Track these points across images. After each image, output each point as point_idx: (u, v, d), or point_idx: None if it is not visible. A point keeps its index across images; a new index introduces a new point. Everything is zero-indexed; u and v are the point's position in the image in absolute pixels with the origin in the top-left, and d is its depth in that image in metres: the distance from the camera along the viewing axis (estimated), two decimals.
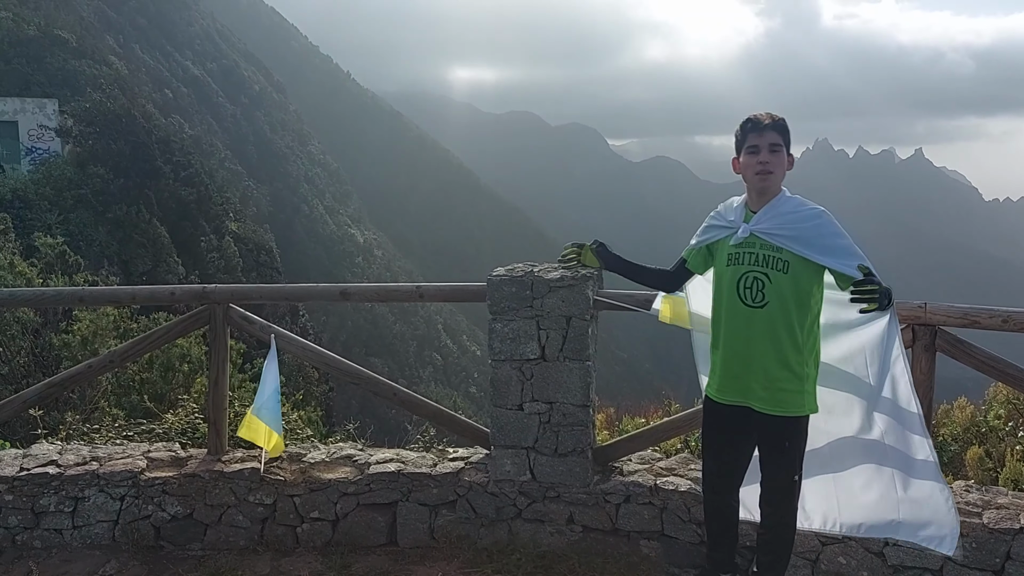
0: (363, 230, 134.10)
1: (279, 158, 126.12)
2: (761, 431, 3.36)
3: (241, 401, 6.31)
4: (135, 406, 8.20)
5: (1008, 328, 3.69)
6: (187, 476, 4.64)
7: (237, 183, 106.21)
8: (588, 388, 4.31)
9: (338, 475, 4.65)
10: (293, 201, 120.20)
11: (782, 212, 3.26)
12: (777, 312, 3.23)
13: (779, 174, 3.27)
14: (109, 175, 37.11)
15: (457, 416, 4.83)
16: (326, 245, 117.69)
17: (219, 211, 52.83)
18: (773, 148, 3.24)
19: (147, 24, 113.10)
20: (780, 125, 3.26)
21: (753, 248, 3.31)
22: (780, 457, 3.34)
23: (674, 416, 4.60)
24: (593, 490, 4.36)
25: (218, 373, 4.78)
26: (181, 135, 68.32)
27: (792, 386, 3.25)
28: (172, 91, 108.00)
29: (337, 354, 4.92)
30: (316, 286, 4.72)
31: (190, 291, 4.77)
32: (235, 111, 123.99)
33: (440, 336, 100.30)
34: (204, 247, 46.59)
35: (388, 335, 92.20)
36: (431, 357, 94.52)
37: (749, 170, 3.30)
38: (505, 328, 4.33)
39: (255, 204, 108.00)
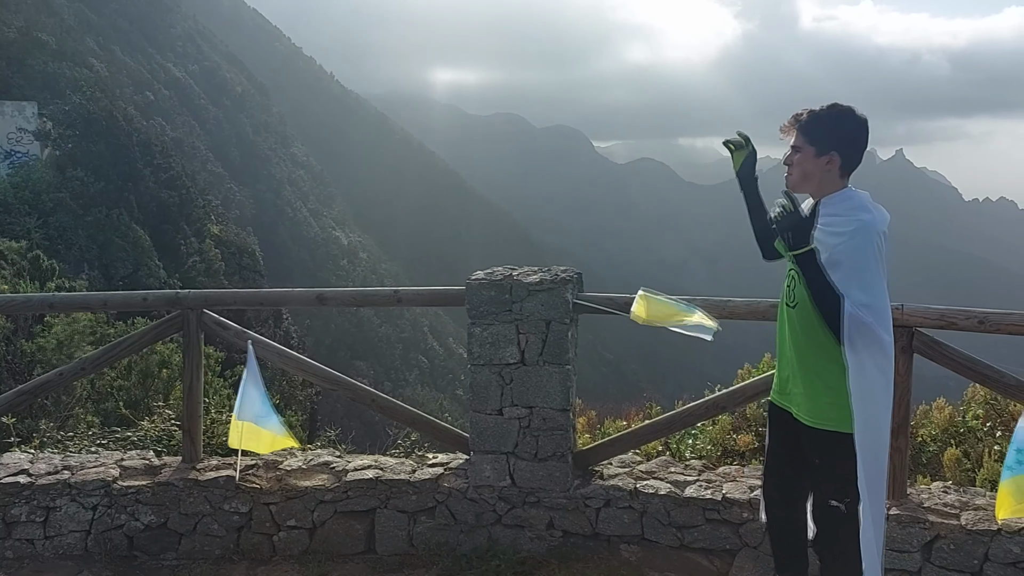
0: (348, 233, 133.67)
1: (262, 160, 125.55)
2: (801, 442, 3.19)
3: (218, 408, 6.23)
4: (111, 413, 8.11)
5: (984, 329, 3.68)
6: (161, 485, 4.57)
7: (219, 186, 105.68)
8: (568, 392, 4.27)
9: (315, 482, 4.59)
10: (276, 204, 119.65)
11: (824, 214, 3.04)
12: (807, 313, 3.05)
13: (797, 175, 3.12)
14: (89, 178, 36.82)
15: (436, 421, 4.79)
16: (310, 248, 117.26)
17: (201, 214, 52.54)
18: (794, 149, 3.13)
19: (128, 26, 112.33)
20: (806, 124, 3.09)
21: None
22: (815, 475, 3.17)
23: (655, 419, 4.57)
24: (573, 494, 4.32)
25: (192, 380, 4.71)
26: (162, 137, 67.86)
27: (822, 396, 3.06)
28: (153, 93, 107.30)
29: (322, 358, 4.88)
30: (293, 291, 4.67)
31: (163, 296, 4.70)
32: (217, 113, 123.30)
33: (426, 339, 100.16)
34: (185, 250, 46.31)
35: (373, 338, 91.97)
36: (417, 360, 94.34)
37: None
38: (484, 332, 4.29)
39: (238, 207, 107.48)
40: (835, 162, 3.08)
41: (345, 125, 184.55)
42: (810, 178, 3.12)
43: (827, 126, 3.08)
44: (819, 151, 3.07)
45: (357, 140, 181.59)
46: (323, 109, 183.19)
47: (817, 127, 3.09)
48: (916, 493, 4.03)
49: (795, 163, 3.13)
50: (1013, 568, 3.64)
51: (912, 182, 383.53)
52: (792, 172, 3.13)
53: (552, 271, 4.39)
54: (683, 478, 4.37)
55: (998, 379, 3.71)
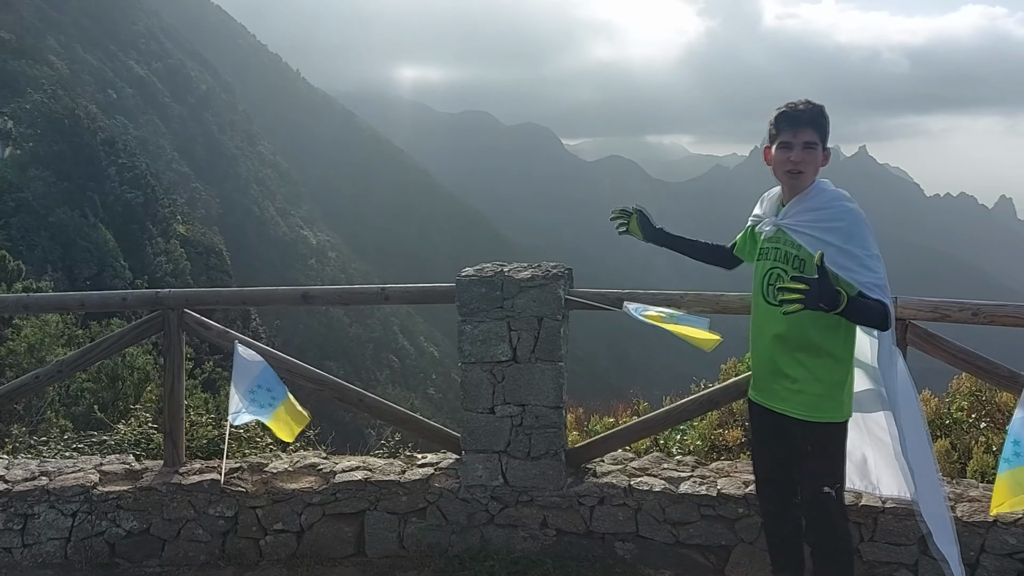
0: (316, 232, 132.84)
1: (228, 159, 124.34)
2: (789, 435, 3.20)
3: (196, 410, 6.09)
4: (82, 417, 7.93)
5: (978, 321, 3.68)
6: (143, 490, 4.45)
7: (185, 185, 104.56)
8: (561, 389, 4.22)
9: (302, 485, 4.49)
10: (243, 203, 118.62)
11: (808, 208, 3.07)
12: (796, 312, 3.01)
13: (810, 172, 3.08)
14: (52, 178, 36.14)
15: (425, 421, 4.71)
16: (278, 247, 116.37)
17: (167, 214, 51.93)
18: (808, 146, 3.04)
19: (90, 23, 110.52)
20: (817, 119, 3.06)
21: (778, 244, 3.17)
22: (804, 465, 3.18)
23: (648, 415, 4.53)
24: (567, 493, 4.27)
25: (174, 381, 4.59)
26: (126, 136, 66.86)
27: (811, 388, 3.08)
28: (116, 91, 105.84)
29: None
30: (276, 289, 4.56)
31: (143, 296, 4.57)
32: (182, 111, 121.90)
33: (397, 338, 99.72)
34: (151, 251, 45.71)
35: (344, 338, 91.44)
36: (388, 359, 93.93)
37: (779, 167, 3.11)
38: (475, 330, 4.22)
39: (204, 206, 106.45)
40: (827, 157, 3.15)
41: (312, 123, 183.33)
42: (814, 173, 3.14)
43: (828, 122, 3.11)
44: (823, 147, 3.11)
45: (324, 138, 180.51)
46: (289, 107, 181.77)
47: (824, 123, 3.10)
48: None
49: (809, 160, 3.08)
50: (1009, 559, 3.65)
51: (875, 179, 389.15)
52: (806, 169, 3.08)
53: (543, 267, 4.33)
54: (677, 474, 4.33)
55: (992, 370, 3.72)
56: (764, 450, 3.41)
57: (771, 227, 3.22)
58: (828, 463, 3.16)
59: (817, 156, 3.08)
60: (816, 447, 3.14)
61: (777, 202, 3.26)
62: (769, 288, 3.19)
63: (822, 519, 3.18)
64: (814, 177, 3.12)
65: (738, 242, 3.60)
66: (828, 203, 3.08)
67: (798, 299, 2.72)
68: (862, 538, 3.82)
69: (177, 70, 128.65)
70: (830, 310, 2.78)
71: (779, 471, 3.36)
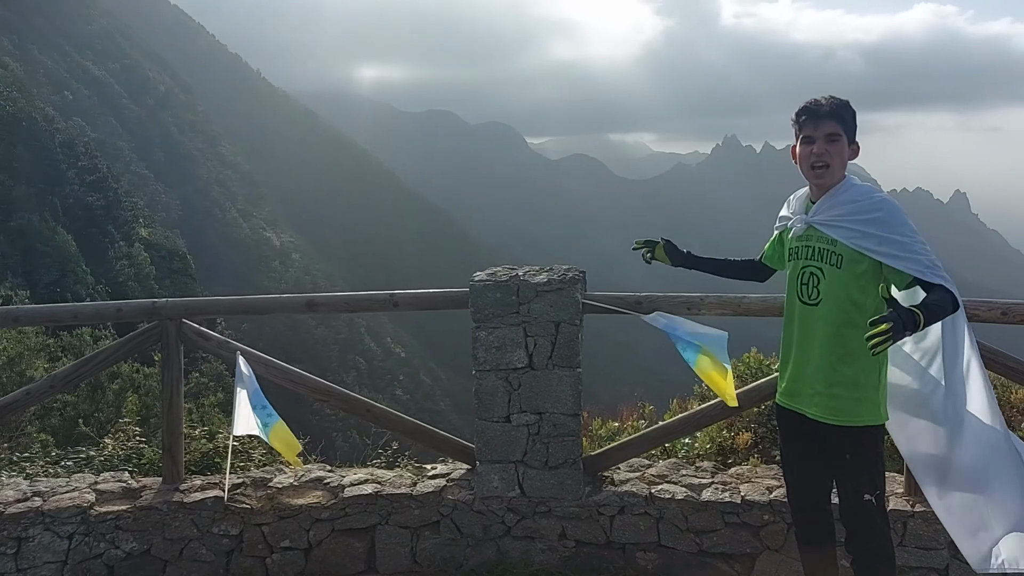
0: (279, 233, 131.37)
1: (188, 161, 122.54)
2: (821, 441, 3.11)
3: (189, 423, 5.87)
4: (62, 430, 7.64)
5: (1007, 320, 3.65)
6: (142, 509, 4.25)
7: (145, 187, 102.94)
8: (579, 396, 4.11)
9: (309, 500, 4.33)
10: (205, 205, 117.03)
11: (841, 202, 3.00)
12: (833, 311, 2.99)
13: (837, 166, 3.00)
14: (9, 181, 35.23)
15: (437, 431, 4.56)
16: (241, 250, 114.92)
17: (128, 217, 50.96)
18: (831, 138, 2.97)
19: (44, 24, 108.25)
20: (840, 111, 3.00)
21: (810, 241, 3.08)
22: (843, 472, 3.09)
23: (667, 422, 4.44)
24: (585, 503, 4.16)
25: (172, 395, 4.40)
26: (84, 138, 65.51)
27: (847, 392, 3.00)
28: (72, 93, 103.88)
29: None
30: (279, 297, 4.39)
31: (139, 307, 4.37)
32: (140, 113, 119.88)
33: (363, 339, 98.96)
34: (113, 255, 44.81)
35: (309, 340, 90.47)
36: (355, 361, 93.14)
37: (804, 163, 3.04)
38: (490, 336, 4.09)
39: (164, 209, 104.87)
40: (856, 151, 3.09)
41: (274, 123, 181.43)
42: (842, 167, 3.06)
43: (853, 115, 3.05)
44: (850, 140, 3.04)
45: (286, 139, 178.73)
46: (250, 107, 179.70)
47: (848, 116, 3.04)
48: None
49: (834, 152, 3.00)
50: None
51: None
52: (832, 162, 3.00)
53: (558, 270, 4.22)
54: (697, 481, 4.25)
55: (1022, 370, 3.67)
56: (796, 457, 3.30)
57: (802, 225, 3.13)
58: (868, 469, 3.06)
59: (843, 148, 3.02)
60: (855, 454, 3.05)
61: (806, 200, 3.19)
62: (803, 288, 3.10)
63: (865, 529, 3.08)
64: (842, 172, 3.06)
65: (767, 251, 3.51)
66: (861, 196, 3.01)
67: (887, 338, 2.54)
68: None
69: (134, 71, 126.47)
70: (915, 331, 2.66)
71: (812, 478, 3.27)
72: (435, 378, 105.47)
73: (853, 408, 3.02)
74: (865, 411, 3.02)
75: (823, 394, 3.05)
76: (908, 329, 2.60)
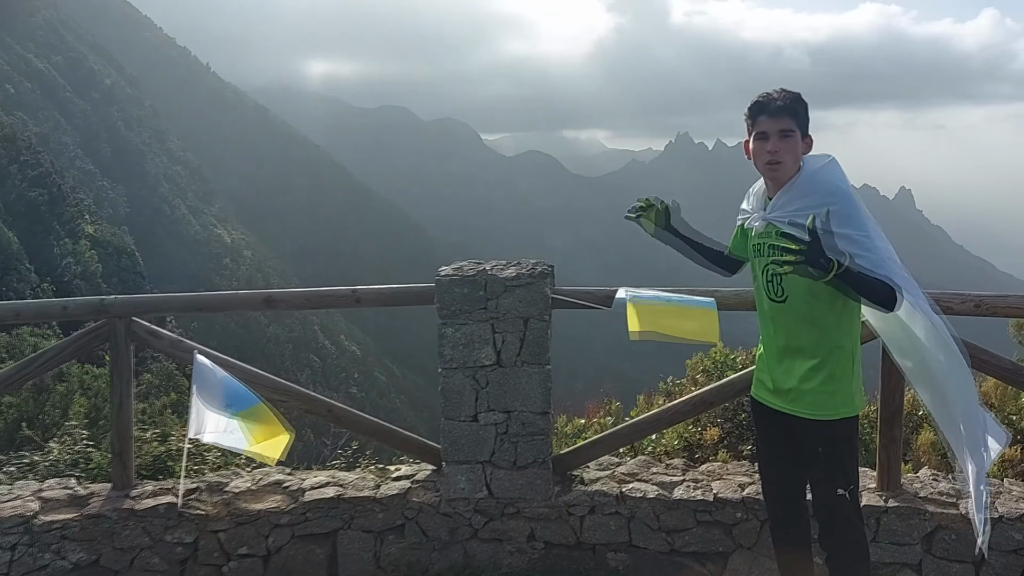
0: (230, 230, 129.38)
1: (135, 156, 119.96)
2: (798, 436, 3.06)
3: (140, 425, 5.64)
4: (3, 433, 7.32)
5: (980, 312, 3.63)
6: (90, 517, 4.03)
7: (91, 183, 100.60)
8: (548, 394, 4.00)
9: (268, 505, 4.15)
10: (153, 201, 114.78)
11: (795, 197, 2.93)
12: (799, 306, 2.94)
13: (790, 161, 2.93)
14: None
15: (401, 431, 4.41)
16: (191, 247, 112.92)
17: (73, 213, 49.64)
18: (784, 134, 2.91)
19: None
20: (793, 105, 2.93)
21: (771, 238, 2.99)
22: (817, 467, 3.04)
23: (637, 419, 4.35)
24: (555, 503, 4.05)
25: (122, 396, 4.18)
26: (27, 133, 63.64)
27: (820, 386, 2.95)
28: (14, 86, 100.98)
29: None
30: (236, 294, 4.20)
31: (86, 304, 4.14)
32: (85, 107, 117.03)
33: (317, 337, 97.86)
34: (58, 252, 43.60)
35: (261, 338, 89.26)
36: (308, 359, 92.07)
37: (759, 159, 2.97)
38: (457, 333, 3.96)
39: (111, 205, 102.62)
40: (809, 144, 3.01)
41: (224, 118, 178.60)
42: (795, 162, 2.98)
43: (805, 109, 2.99)
44: (803, 134, 2.97)
45: (237, 134, 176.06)
46: (199, 102, 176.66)
47: (801, 109, 2.97)
48: (908, 483, 3.95)
49: (787, 148, 2.93)
50: (1015, 555, 3.60)
51: None
52: (785, 158, 2.93)
53: (526, 264, 4.10)
54: (668, 479, 4.16)
55: (995, 363, 3.67)
56: (771, 452, 3.24)
57: (760, 222, 3.06)
58: (840, 463, 3.01)
59: (796, 143, 2.94)
60: (828, 447, 3.00)
61: (763, 196, 3.11)
62: (769, 285, 3.04)
63: (838, 524, 3.02)
64: (796, 166, 2.97)
65: (732, 243, 3.42)
66: (815, 188, 2.93)
67: (793, 260, 2.63)
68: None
69: (79, 64, 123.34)
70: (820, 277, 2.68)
71: (786, 473, 3.21)
72: (390, 375, 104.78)
73: (827, 401, 2.96)
74: (840, 403, 2.97)
75: (796, 389, 3.00)
76: (816, 267, 2.64)
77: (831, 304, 2.91)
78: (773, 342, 3.08)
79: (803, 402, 2.99)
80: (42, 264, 39.58)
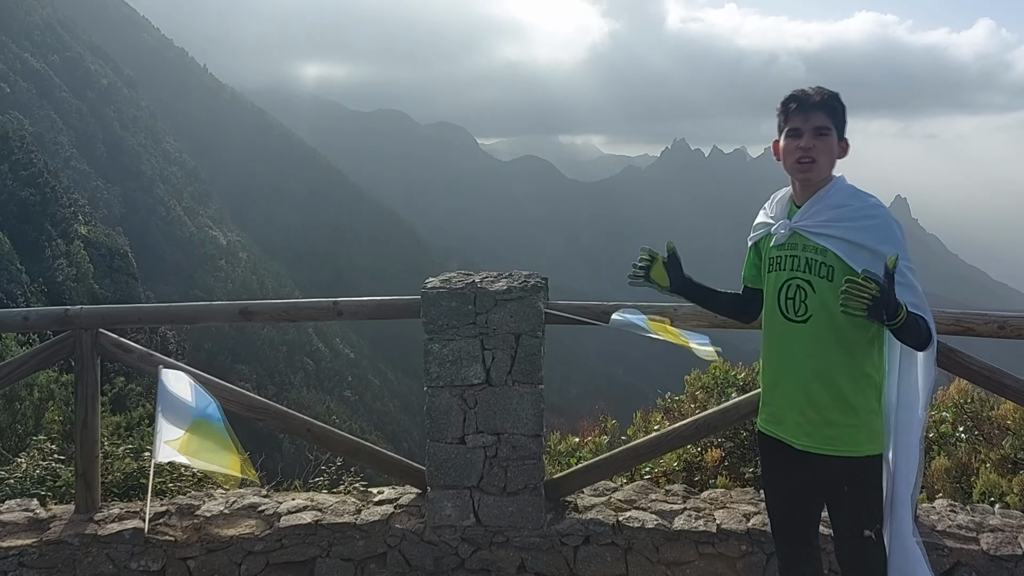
0: (226, 232, 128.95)
1: (131, 156, 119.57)
2: (815, 472, 2.76)
3: (110, 439, 5.37)
4: None
5: (1005, 335, 3.38)
6: (50, 543, 3.77)
7: (85, 183, 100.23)
8: (540, 415, 3.74)
9: (241, 530, 3.90)
10: (148, 202, 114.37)
11: (829, 205, 2.66)
12: (824, 328, 2.64)
13: (824, 163, 2.67)
14: None
15: (383, 452, 4.16)
16: (185, 248, 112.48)
17: (67, 214, 49.29)
18: (820, 132, 2.65)
19: None
20: (831, 102, 2.67)
21: (795, 250, 2.71)
22: (841, 507, 2.74)
23: (638, 442, 4.09)
24: (547, 532, 3.80)
25: (87, 413, 3.92)
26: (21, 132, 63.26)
27: (844, 419, 2.66)
28: (9, 85, 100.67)
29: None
30: (210, 305, 3.94)
31: (49, 315, 3.89)
32: (81, 107, 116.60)
33: (311, 340, 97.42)
34: (50, 253, 43.24)
35: (256, 340, 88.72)
36: (303, 362, 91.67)
37: (789, 157, 2.68)
38: (444, 349, 3.71)
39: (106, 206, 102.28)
40: (845, 148, 2.75)
41: (220, 120, 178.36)
42: (830, 164, 2.71)
43: (843, 109, 2.72)
44: (840, 135, 2.71)
45: (234, 136, 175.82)
46: (196, 103, 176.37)
47: (840, 108, 2.70)
48: (924, 514, 3.70)
49: (822, 148, 2.66)
50: None
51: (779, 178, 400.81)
52: (819, 158, 2.66)
53: (518, 276, 3.85)
54: (668, 507, 3.91)
55: (1020, 388, 3.42)
56: (781, 489, 2.92)
57: (785, 231, 2.76)
58: (867, 502, 2.72)
59: (832, 144, 2.67)
60: (853, 486, 2.71)
61: (788, 203, 2.82)
62: (788, 303, 2.73)
63: (866, 567, 2.74)
64: (830, 170, 2.71)
65: (747, 272, 3.04)
66: (852, 199, 2.67)
67: (865, 302, 2.31)
68: None
69: (76, 63, 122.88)
70: (888, 321, 2.38)
71: (799, 511, 2.90)
72: (384, 379, 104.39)
73: (851, 437, 2.67)
74: (865, 439, 2.68)
75: (816, 422, 2.70)
76: (886, 311, 2.35)
77: (864, 327, 2.61)
78: (787, 368, 2.77)
79: (824, 437, 2.69)
80: (34, 265, 39.23)
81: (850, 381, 2.66)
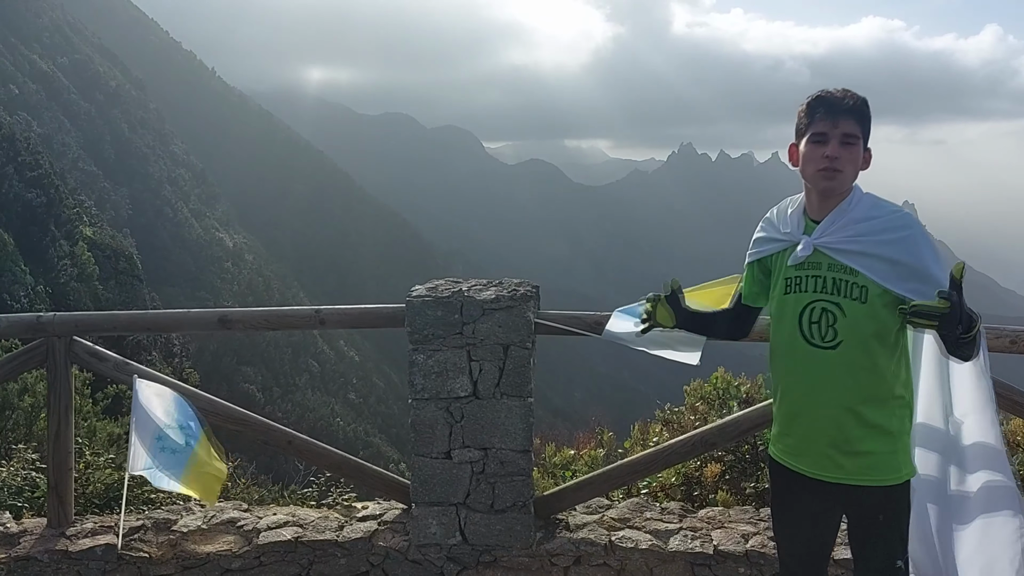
0: (232, 234, 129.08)
1: (139, 159, 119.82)
2: (845, 503, 2.54)
3: (93, 449, 5.22)
4: None
5: (1016, 350, 3.21)
6: (19, 560, 3.63)
7: (92, 185, 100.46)
8: (530, 430, 3.59)
9: (219, 547, 3.75)
10: (155, 204, 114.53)
11: (855, 219, 2.43)
12: (856, 353, 2.40)
13: (850, 173, 2.43)
14: None
15: (367, 466, 4.01)
16: (192, 250, 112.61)
17: (72, 215, 49.30)
18: (847, 139, 2.40)
19: None
20: (861, 110, 2.43)
21: (819, 270, 2.46)
22: (874, 536, 2.52)
23: (633, 457, 3.93)
24: (536, 551, 3.64)
25: (60, 424, 3.78)
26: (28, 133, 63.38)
27: (879, 446, 2.44)
28: (18, 86, 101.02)
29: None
30: (187, 313, 3.79)
31: (20, 322, 3.75)
32: (89, 108, 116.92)
33: (316, 342, 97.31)
34: (55, 254, 43.24)
35: (261, 342, 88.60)
36: (307, 364, 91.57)
37: (811, 165, 2.44)
38: (429, 360, 3.56)
39: (113, 207, 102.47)
40: (869, 159, 2.50)
41: (228, 123, 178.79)
42: (854, 175, 2.46)
43: (870, 117, 2.48)
44: (865, 144, 2.47)
45: (241, 138, 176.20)
46: (204, 106, 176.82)
47: (867, 116, 2.47)
48: None
49: (849, 157, 2.42)
50: None
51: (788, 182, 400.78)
52: (845, 168, 2.42)
53: (507, 285, 3.70)
54: (663, 526, 3.75)
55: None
56: (795, 519, 2.67)
57: (806, 249, 2.49)
58: (900, 531, 2.52)
59: (858, 154, 2.43)
60: (888, 514, 2.49)
61: (803, 217, 2.57)
62: (813, 327, 2.46)
63: None
64: (853, 181, 2.47)
65: (745, 289, 2.82)
66: (879, 211, 2.44)
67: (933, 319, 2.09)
68: None
69: (84, 66, 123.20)
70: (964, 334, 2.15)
71: (814, 543, 2.67)
72: (388, 382, 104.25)
73: (889, 463, 2.46)
74: (902, 463, 2.48)
75: (848, 452, 2.46)
76: (960, 326, 2.10)
77: (893, 349, 2.42)
78: (811, 396, 2.52)
79: (859, 466, 2.46)
80: (38, 266, 39.24)
81: (883, 406, 2.45)
